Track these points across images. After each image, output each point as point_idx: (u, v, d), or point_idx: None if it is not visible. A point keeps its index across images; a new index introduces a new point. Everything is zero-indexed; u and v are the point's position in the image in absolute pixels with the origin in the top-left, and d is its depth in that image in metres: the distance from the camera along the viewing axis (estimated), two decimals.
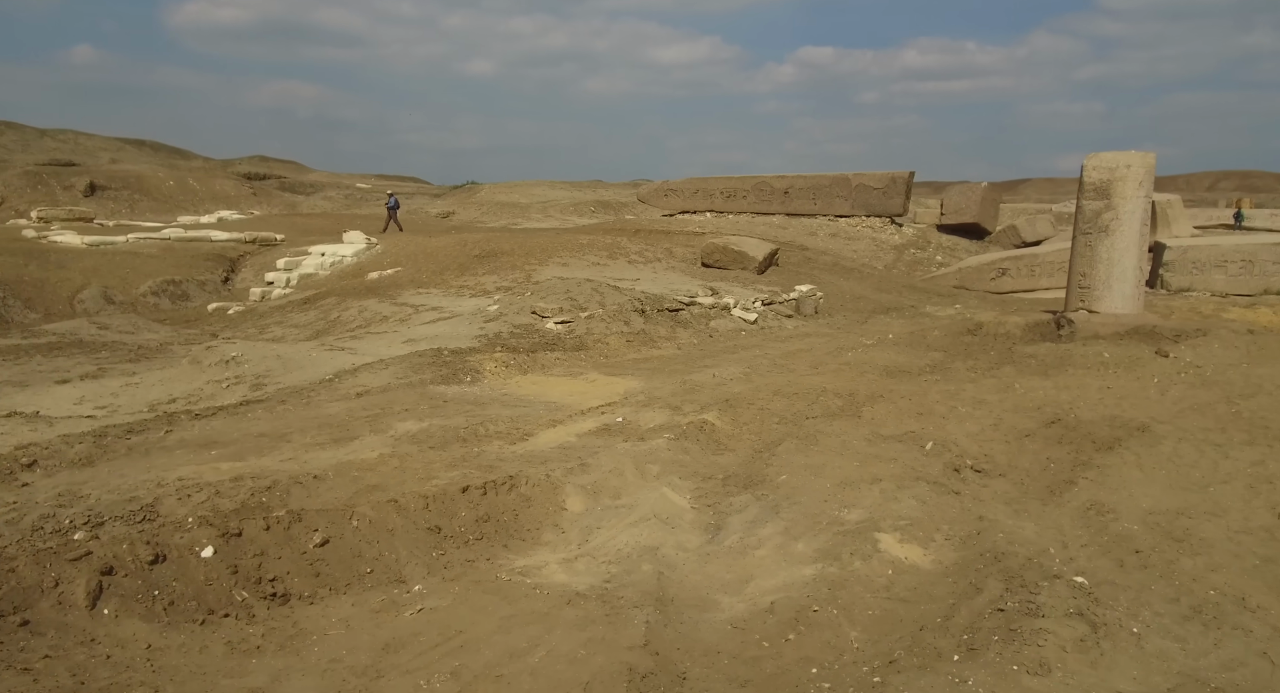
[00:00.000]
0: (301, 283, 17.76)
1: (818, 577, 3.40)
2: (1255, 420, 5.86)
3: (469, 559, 3.74)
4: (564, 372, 8.04)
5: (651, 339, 10.48)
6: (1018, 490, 4.52)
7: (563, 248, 17.41)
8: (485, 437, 5.34)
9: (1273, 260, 16.02)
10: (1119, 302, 10.74)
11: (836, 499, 4.22)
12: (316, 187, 54.57)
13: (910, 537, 3.74)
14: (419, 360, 7.99)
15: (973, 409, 6.14)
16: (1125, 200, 10.62)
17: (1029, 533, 3.77)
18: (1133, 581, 3.24)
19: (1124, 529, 3.73)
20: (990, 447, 5.24)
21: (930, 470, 4.62)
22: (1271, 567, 3.36)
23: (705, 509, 4.30)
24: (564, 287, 11.86)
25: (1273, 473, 4.57)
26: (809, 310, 13.67)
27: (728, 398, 6.38)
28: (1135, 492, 4.29)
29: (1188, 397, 6.65)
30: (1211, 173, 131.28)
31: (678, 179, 23.84)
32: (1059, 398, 6.59)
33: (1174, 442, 5.21)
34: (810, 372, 8.06)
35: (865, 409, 6.00)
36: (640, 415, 6.04)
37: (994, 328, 11.44)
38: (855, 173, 20.73)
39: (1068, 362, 8.23)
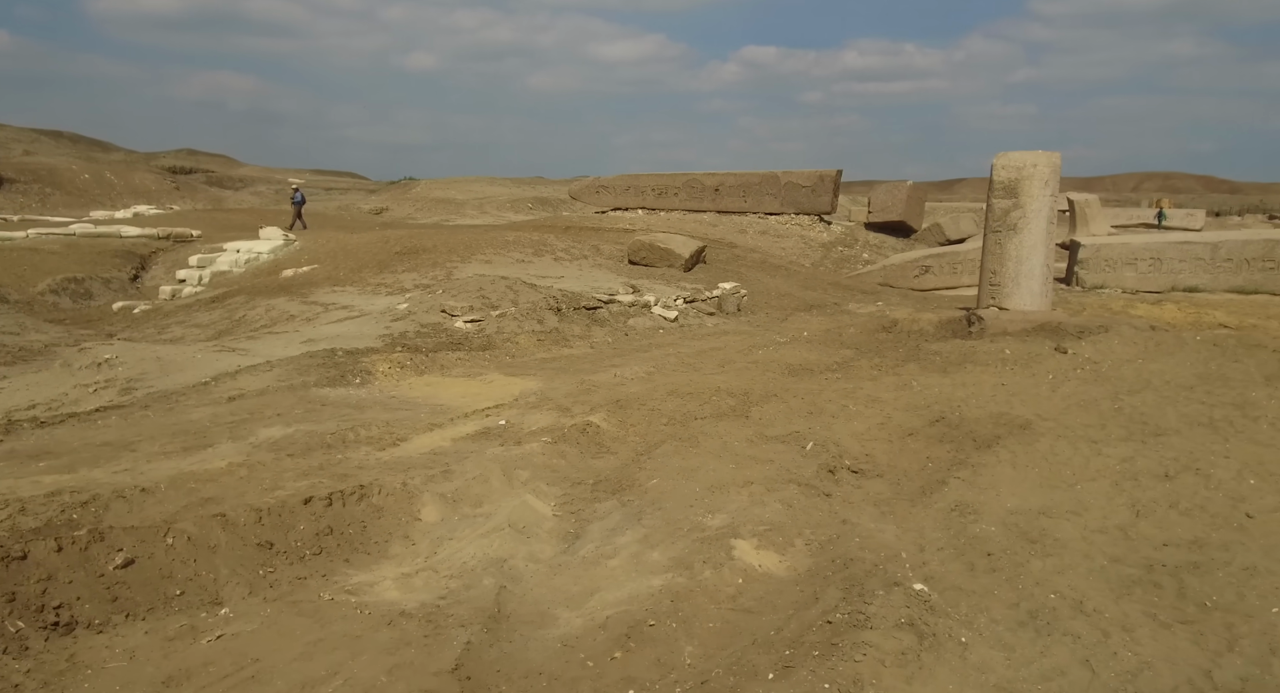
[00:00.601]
0: (214, 281, 17.06)
1: (664, 588, 3.24)
2: (1135, 417, 5.93)
3: (301, 577, 3.49)
4: (463, 372, 7.78)
5: (564, 338, 10.27)
6: (892, 491, 4.44)
7: (487, 245, 17.07)
8: (354, 442, 5.07)
9: (1179, 259, 16.55)
10: (1028, 298, 10.91)
11: (703, 504, 4.08)
12: (246, 181, 52.89)
13: (769, 543, 3.62)
14: (309, 362, 7.64)
15: (865, 408, 6.08)
16: (1032, 199, 10.78)
17: (888, 537, 3.68)
18: (978, 585, 3.17)
19: (982, 531, 3.67)
20: (873, 446, 5.18)
21: (804, 472, 4.52)
22: (1118, 567, 3.32)
23: (568, 517, 4.12)
24: (477, 284, 11.57)
25: (1139, 470, 4.58)
26: (731, 308, 13.62)
27: (621, 399, 6.22)
28: (1003, 491, 4.25)
29: (1077, 393, 6.72)
30: (1136, 174, 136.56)
31: (609, 176, 23.65)
32: (953, 395, 6.59)
33: (1052, 439, 5.22)
34: (716, 370, 7.95)
35: (756, 409, 5.89)
36: (526, 418, 5.84)
37: (908, 325, 11.53)
38: (784, 171, 20.82)
39: (970, 359, 8.28)
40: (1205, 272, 16.33)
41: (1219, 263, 16.24)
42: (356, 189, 55.39)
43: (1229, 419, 5.77)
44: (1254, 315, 14.43)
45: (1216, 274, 16.23)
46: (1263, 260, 15.92)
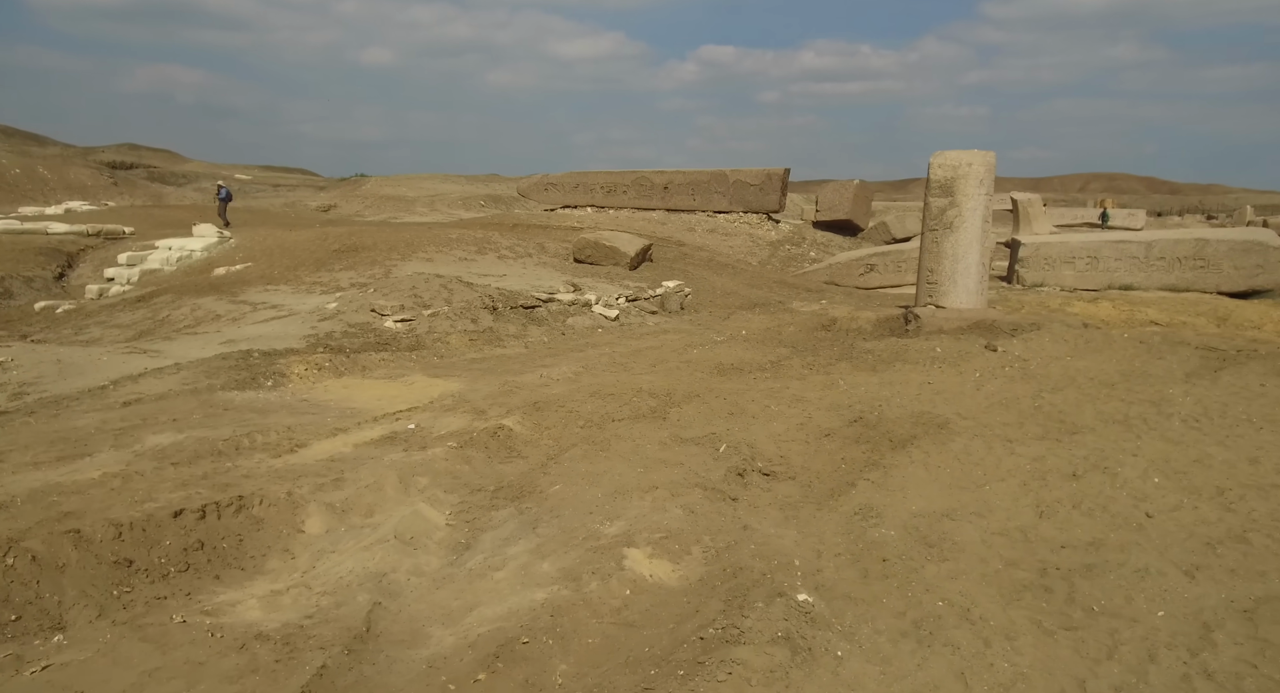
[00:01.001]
0: (143, 279, 16.44)
1: (547, 602, 3.09)
2: (1054, 415, 5.94)
3: (160, 597, 3.26)
4: (385, 374, 7.53)
5: (498, 338, 10.05)
6: (801, 495, 4.34)
7: (429, 243, 16.73)
8: (248, 449, 4.82)
9: (1114, 257, 16.89)
10: (964, 296, 10.98)
11: (603, 511, 3.93)
12: (191, 177, 51.42)
13: (664, 551, 3.48)
14: (220, 364, 7.32)
15: (788, 408, 6.00)
16: (968, 198, 10.84)
17: (786, 543, 3.57)
18: (869, 593, 3.07)
19: (881, 535, 3.58)
20: (789, 448, 5.08)
21: (713, 476, 4.40)
22: (1012, 571, 3.25)
23: (462, 526, 3.94)
24: (410, 283, 11.28)
25: (1049, 469, 4.55)
26: (674, 307, 13.52)
27: (540, 400, 6.04)
28: (911, 493, 4.17)
29: (1000, 391, 6.72)
30: (1083, 175, 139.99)
31: (558, 173, 23.41)
32: (878, 394, 6.54)
33: (968, 438, 5.18)
34: (646, 370, 7.82)
35: (676, 410, 5.77)
36: (438, 421, 5.63)
37: (847, 324, 11.54)
38: (733, 169, 20.79)
39: (901, 357, 8.27)
40: (1140, 270, 16.70)
41: (1153, 262, 16.61)
42: (306, 186, 54.25)
43: (1143, 417, 5.81)
44: (1184, 312, 14.76)
45: (1150, 272, 16.60)
46: (1193, 259, 16.32)
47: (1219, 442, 5.16)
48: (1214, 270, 16.19)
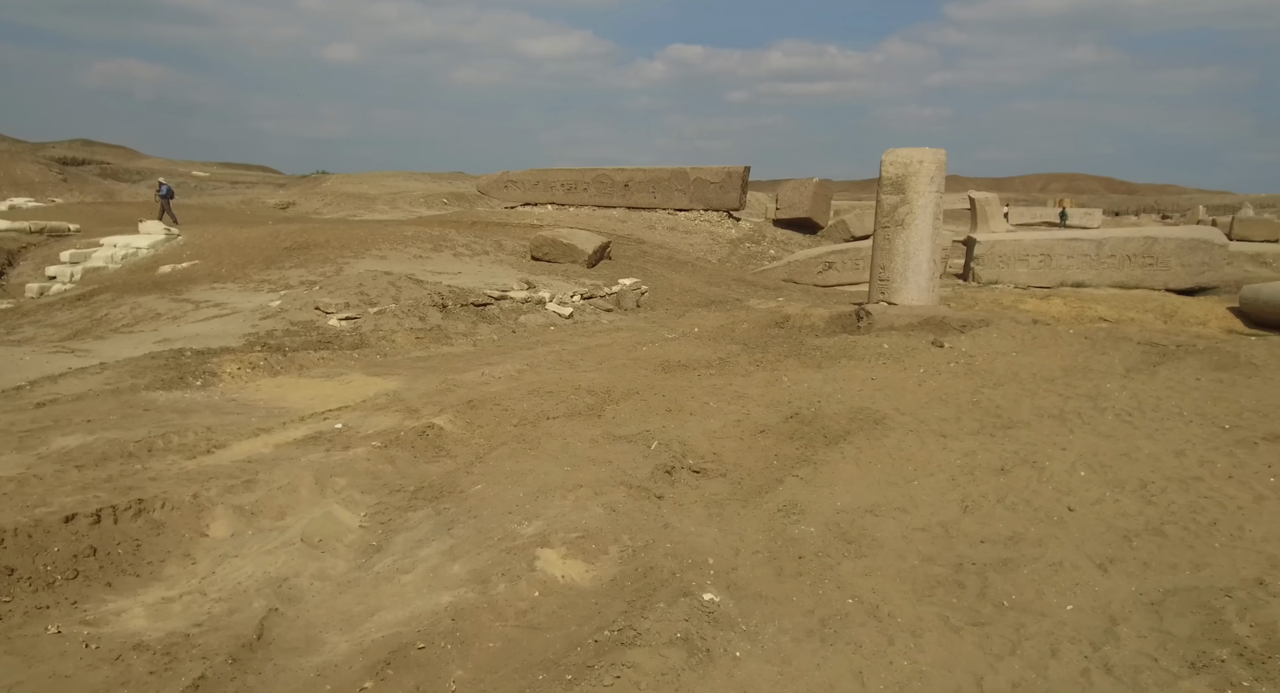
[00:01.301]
0: (86, 277, 15.96)
1: (451, 605, 2.98)
2: (991, 409, 5.95)
3: (42, 606, 3.09)
4: (323, 373, 7.34)
5: (446, 336, 9.88)
6: (729, 492, 4.28)
7: (384, 240, 16.46)
8: (161, 451, 4.64)
9: (1067, 255, 17.13)
10: (915, 293, 11.03)
11: (523, 511, 3.83)
12: (145, 174, 50.25)
13: (579, 551, 3.39)
14: (150, 363, 7.08)
15: (727, 404, 5.94)
16: (919, 195, 10.88)
17: (705, 541, 3.49)
18: (780, 591, 3.00)
19: (801, 532, 3.52)
20: (723, 444, 5.01)
21: (640, 474, 4.31)
22: (928, 567, 3.21)
23: (376, 528, 3.82)
24: (358, 281, 11.07)
25: (979, 463, 4.53)
26: (630, 304, 13.44)
27: (477, 398, 5.91)
28: (839, 489, 4.12)
29: (942, 387, 6.73)
30: (1044, 175, 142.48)
31: (518, 170, 23.21)
32: (821, 390, 6.51)
33: (903, 433, 5.16)
34: (592, 368, 7.72)
35: (613, 408, 5.68)
36: (368, 420, 5.48)
37: (800, 321, 11.54)
38: (693, 167, 20.77)
39: (848, 354, 8.27)
40: (1091, 267, 16.96)
41: (1104, 259, 16.87)
42: (266, 183, 53.30)
43: (1078, 411, 5.84)
44: (1132, 309, 15.01)
45: (1101, 270, 16.87)
46: (1142, 256, 16.60)
47: (1148, 435, 5.20)
48: (1162, 268, 16.49)
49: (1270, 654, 2.47)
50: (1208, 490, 4.09)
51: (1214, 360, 7.79)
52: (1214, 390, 6.65)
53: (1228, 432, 5.28)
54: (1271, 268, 19.43)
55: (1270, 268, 19.42)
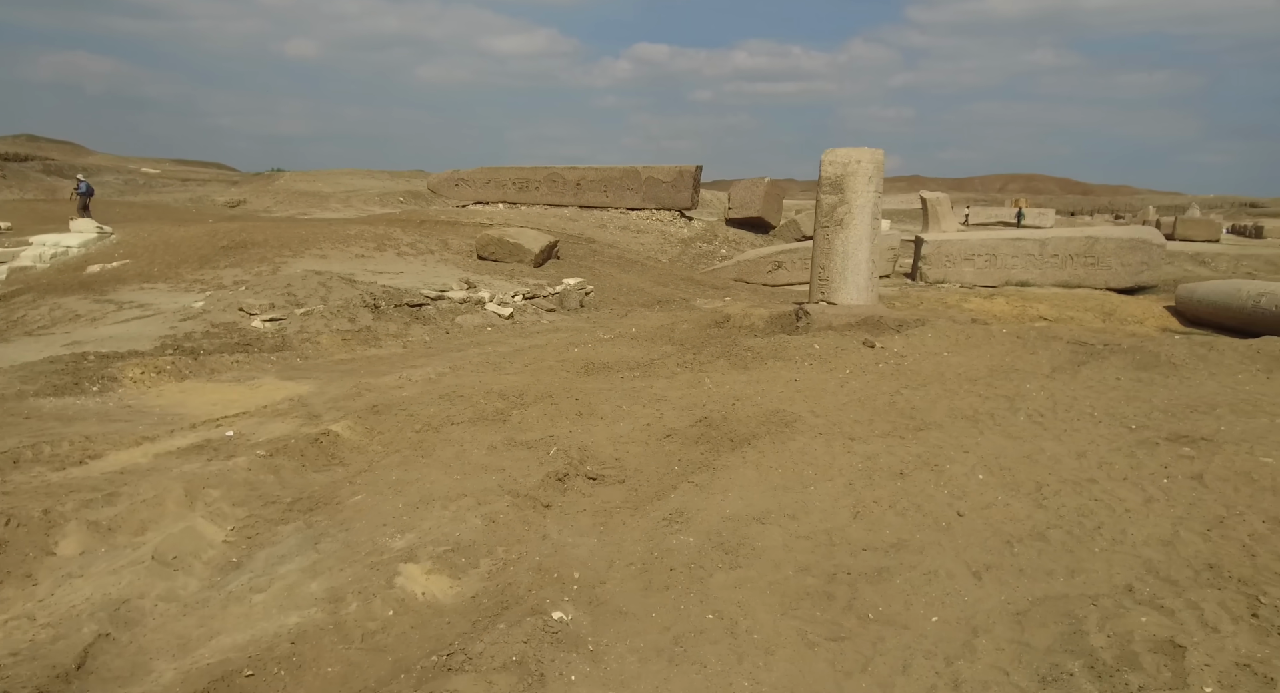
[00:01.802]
0: (11, 278, 15.39)
1: (297, 626, 2.82)
2: (907, 410, 5.91)
3: None
4: (234, 376, 7.09)
5: (375, 337, 9.65)
6: (623, 500, 4.15)
7: (325, 239, 16.11)
8: (29, 462, 4.39)
9: (1011, 254, 17.33)
10: (854, 293, 11.02)
11: (399, 523, 3.67)
12: (93, 170, 48.93)
13: (447, 566, 3.24)
14: (46, 368, 6.78)
15: (643, 407, 5.82)
16: (857, 195, 10.88)
17: (581, 553, 3.37)
18: (643, 606, 2.89)
19: (680, 543, 3.41)
20: (628, 449, 4.89)
21: (530, 482, 4.17)
22: (802, 577, 3.12)
23: (241, 543, 3.63)
24: (285, 281, 10.78)
25: (880, 467, 4.47)
26: (573, 304, 13.29)
27: (385, 403, 5.73)
28: (731, 496, 4.02)
29: (864, 388, 6.69)
30: (1003, 175, 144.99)
31: (468, 168, 22.92)
32: (742, 392, 6.43)
33: (810, 437, 5.08)
34: (518, 370, 7.56)
35: (522, 412, 5.53)
36: (264, 427, 5.27)
37: (740, 321, 11.49)
38: (645, 166, 20.66)
39: (779, 354, 8.21)
40: (1035, 267, 17.18)
41: (1047, 259, 17.10)
42: (218, 181, 52.22)
43: (993, 412, 5.82)
44: (1073, 308, 15.23)
45: (1045, 269, 17.10)
46: (1084, 256, 16.86)
47: (1056, 436, 5.18)
48: (1103, 267, 16.76)
49: (1119, 667, 2.41)
50: (1100, 493, 4.07)
51: (1136, 360, 7.87)
52: (1130, 390, 6.69)
53: (1133, 432, 5.29)
54: (1210, 267, 19.88)
55: (1208, 267, 19.87)
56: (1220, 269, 19.49)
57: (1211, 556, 3.31)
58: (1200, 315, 13.99)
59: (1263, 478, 4.21)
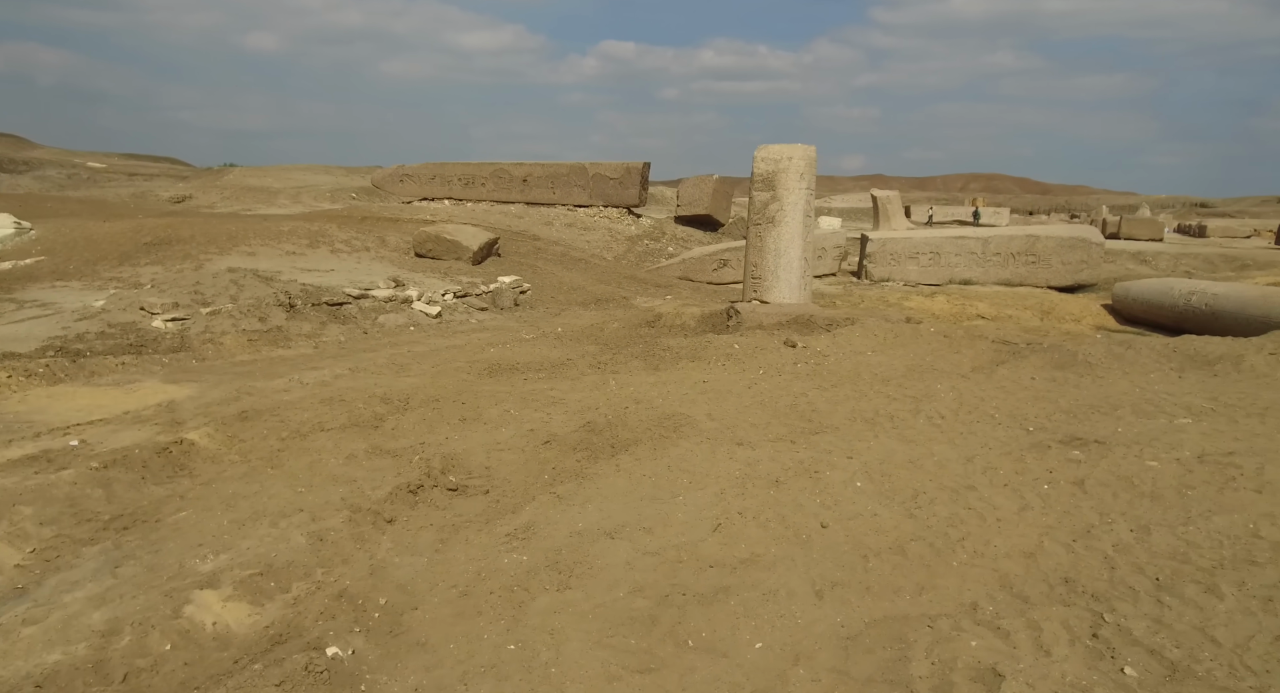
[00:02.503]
0: None
1: (54, 665, 2.52)
2: (807, 413, 5.73)
3: None
4: (113, 380, 6.70)
5: (286, 338, 9.28)
6: (480, 512, 3.90)
7: (257, 235, 15.60)
8: None
9: (955, 253, 17.36)
10: (786, 292, 10.87)
11: (217, 543, 3.38)
12: (34, 164, 47.41)
13: (250, 592, 2.96)
14: None
15: (534, 412, 5.57)
16: (789, 192, 10.73)
17: (404, 574, 3.11)
18: (446, 635, 2.64)
19: (513, 562, 3.17)
20: (503, 457, 4.64)
21: (378, 494, 3.90)
22: (633, 599, 2.89)
23: (37, 567, 3.31)
24: (195, 279, 10.36)
25: (758, 474, 4.26)
26: (507, 303, 12.98)
27: (257, 409, 5.40)
28: (591, 507, 3.79)
29: (773, 389, 6.51)
30: (964, 175, 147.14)
31: (414, 164, 22.46)
32: (644, 394, 6.20)
33: (696, 442, 4.87)
34: (422, 372, 7.26)
35: (400, 417, 5.24)
36: (117, 435, 4.93)
37: (672, 319, 11.28)
38: (593, 162, 20.38)
39: (697, 354, 8.01)
40: (978, 265, 17.22)
41: (989, 257, 17.15)
42: (167, 175, 50.88)
43: (894, 414, 5.66)
44: (1012, 306, 15.25)
45: (988, 268, 17.14)
46: (1026, 255, 16.93)
47: (950, 440, 5.03)
48: (1044, 265, 16.84)
49: None
50: (976, 500, 3.90)
51: (1053, 359, 7.79)
52: (1041, 390, 6.59)
53: (1030, 434, 5.16)
54: (1150, 265, 20.13)
55: (1149, 265, 20.12)
56: (1160, 267, 19.75)
57: (1071, 568, 3.15)
58: (1135, 313, 14.10)
59: (1143, 483, 4.08)
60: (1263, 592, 2.86)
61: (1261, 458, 4.41)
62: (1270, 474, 4.14)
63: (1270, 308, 11.29)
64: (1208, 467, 4.30)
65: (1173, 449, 4.68)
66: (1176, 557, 3.20)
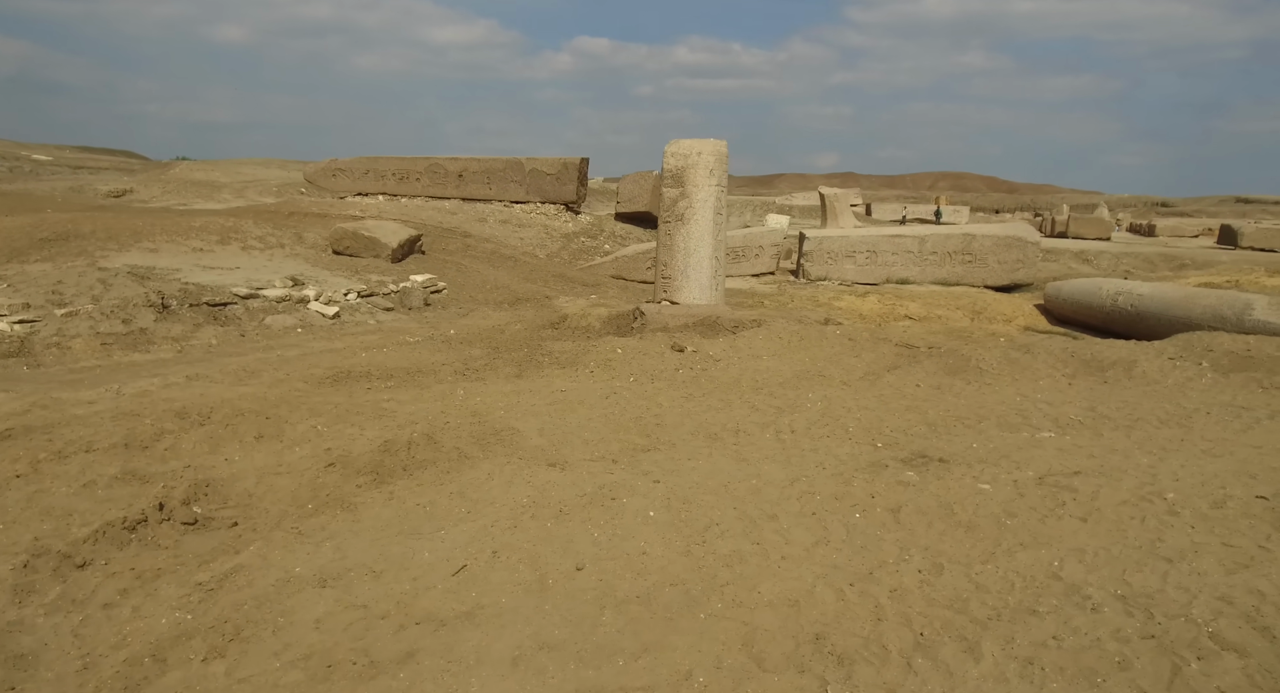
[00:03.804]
0: None
1: None
2: (651, 426, 5.29)
3: None
4: None
5: (149, 341, 8.69)
6: (207, 552, 3.40)
7: (163, 231, 14.91)
8: None
9: (892, 252, 17.06)
10: (697, 292, 10.45)
11: None
12: None
13: None
14: None
15: (347, 427, 5.07)
16: (698, 188, 10.30)
17: (25, 644, 2.61)
18: None
19: (174, 622, 2.69)
20: (276, 482, 4.15)
21: (84, 531, 3.39)
22: (288, 672, 2.42)
23: None
24: (56, 277, 9.71)
25: (546, 503, 3.81)
26: (416, 303, 12.44)
27: (24, 428, 4.84)
28: (329, 546, 3.31)
29: (631, 399, 6.06)
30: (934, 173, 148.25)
31: (347, 158, 21.80)
32: (487, 405, 5.73)
33: (505, 461, 4.40)
34: (267, 381, 6.72)
35: (184, 435, 4.72)
36: None
37: (577, 321, 10.82)
38: (529, 157, 19.85)
39: (577, 360, 7.55)
40: (915, 264, 16.93)
41: (926, 256, 16.87)
42: (116, 169, 49.57)
43: (743, 429, 5.24)
44: (943, 306, 14.94)
45: (924, 267, 16.86)
46: (962, 254, 16.67)
47: (786, 458, 4.61)
48: (980, 265, 16.59)
49: None
50: (773, 533, 3.48)
51: (946, 364, 7.44)
52: (919, 398, 6.21)
53: (876, 451, 4.76)
54: (1092, 264, 19.99)
55: (1091, 264, 19.98)
56: (1101, 267, 19.61)
57: (832, 620, 2.73)
58: (1065, 313, 13.86)
59: (964, 511, 3.68)
60: (1026, 652, 2.45)
61: (1104, 479, 4.03)
62: (1104, 499, 3.76)
63: (1191, 308, 11.05)
64: (1043, 490, 3.91)
65: (1018, 468, 4.30)
66: (954, 605, 2.79)
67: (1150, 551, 3.23)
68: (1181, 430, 5.07)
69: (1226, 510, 3.63)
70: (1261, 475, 4.11)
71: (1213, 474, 4.14)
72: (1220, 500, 3.73)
